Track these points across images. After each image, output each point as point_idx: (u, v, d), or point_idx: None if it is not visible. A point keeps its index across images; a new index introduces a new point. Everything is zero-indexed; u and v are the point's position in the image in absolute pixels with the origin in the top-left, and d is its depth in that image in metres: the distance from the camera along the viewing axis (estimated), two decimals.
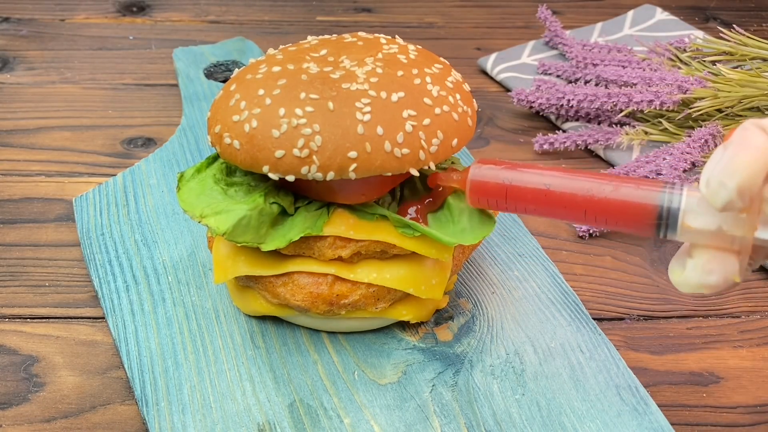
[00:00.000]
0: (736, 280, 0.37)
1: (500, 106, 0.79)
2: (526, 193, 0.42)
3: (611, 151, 0.71)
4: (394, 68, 0.47)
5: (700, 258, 0.38)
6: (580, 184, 0.41)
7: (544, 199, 0.42)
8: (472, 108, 0.49)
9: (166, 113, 0.76)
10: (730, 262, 0.37)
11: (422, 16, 0.97)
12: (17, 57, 0.84)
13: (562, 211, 0.42)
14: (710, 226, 0.37)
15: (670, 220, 0.39)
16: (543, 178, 0.42)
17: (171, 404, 0.47)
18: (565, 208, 0.42)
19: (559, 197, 0.42)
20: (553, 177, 0.42)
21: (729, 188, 0.35)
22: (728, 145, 0.35)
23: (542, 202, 0.42)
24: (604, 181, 0.41)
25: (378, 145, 0.44)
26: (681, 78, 0.69)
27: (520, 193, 0.43)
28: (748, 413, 0.49)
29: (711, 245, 0.38)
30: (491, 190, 0.44)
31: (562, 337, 0.52)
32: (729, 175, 0.35)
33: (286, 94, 0.45)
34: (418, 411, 0.47)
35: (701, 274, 0.38)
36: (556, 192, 0.42)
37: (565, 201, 0.41)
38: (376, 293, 0.48)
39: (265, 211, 0.46)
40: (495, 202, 0.44)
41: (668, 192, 0.39)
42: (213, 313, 0.53)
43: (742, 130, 0.35)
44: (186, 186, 0.49)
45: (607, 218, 0.41)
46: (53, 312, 0.54)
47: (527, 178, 0.43)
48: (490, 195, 0.44)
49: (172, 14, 0.94)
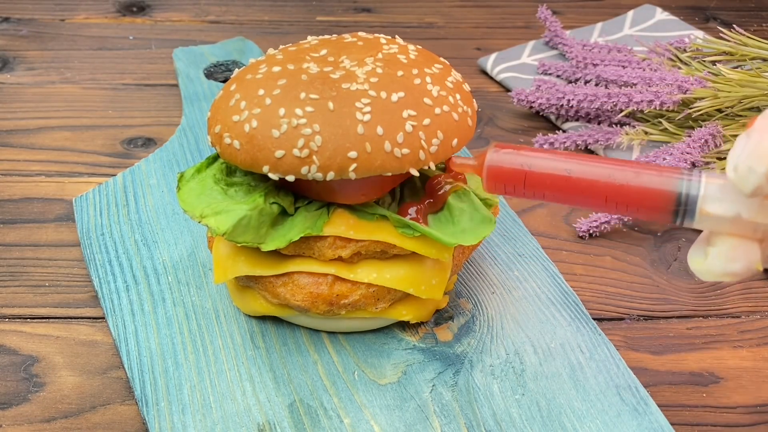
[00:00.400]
0: (758, 268, 0.37)
1: (500, 106, 0.79)
2: (546, 178, 0.42)
3: (611, 151, 0.71)
4: (394, 68, 0.47)
5: (723, 246, 0.38)
6: (601, 170, 0.41)
7: (564, 185, 0.41)
8: (472, 108, 0.49)
9: (166, 113, 0.76)
10: (752, 250, 0.38)
11: (422, 16, 0.97)
12: (17, 57, 0.84)
13: (581, 197, 0.41)
14: (729, 213, 0.37)
15: (688, 207, 0.39)
16: (563, 164, 0.41)
17: (171, 404, 0.47)
18: (586, 194, 0.41)
19: (579, 183, 0.41)
20: (573, 163, 0.41)
21: (758, 173, 0.35)
22: (751, 132, 0.36)
23: (562, 189, 0.41)
24: (625, 168, 0.40)
25: (378, 145, 0.44)
26: (681, 78, 0.69)
27: (540, 179, 0.42)
28: (748, 413, 0.49)
29: (732, 233, 0.38)
30: (509, 176, 0.42)
31: (562, 337, 0.52)
32: (757, 160, 0.35)
33: (286, 94, 0.45)
34: (418, 411, 0.47)
35: (725, 261, 0.38)
36: (576, 178, 0.41)
37: (585, 187, 0.41)
38: (376, 293, 0.48)
39: (265, 211, 0.46)
40: (513, 188, 0.43)
41: (686, 179, 0.39)
42: (213, 313, 0.53)
43: (764, 119, 0.36)
44: (186, 186, 0.49)
45: (628, 204, 0.40)
46: (53, 312, 0.54)
47: (547, 163, 0.42)
48: (508, 181, 0.43)
49: (172, 14, 0.94)
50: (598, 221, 0.62)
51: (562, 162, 0.42)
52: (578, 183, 0.41)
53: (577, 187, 0.41)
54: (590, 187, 0.41)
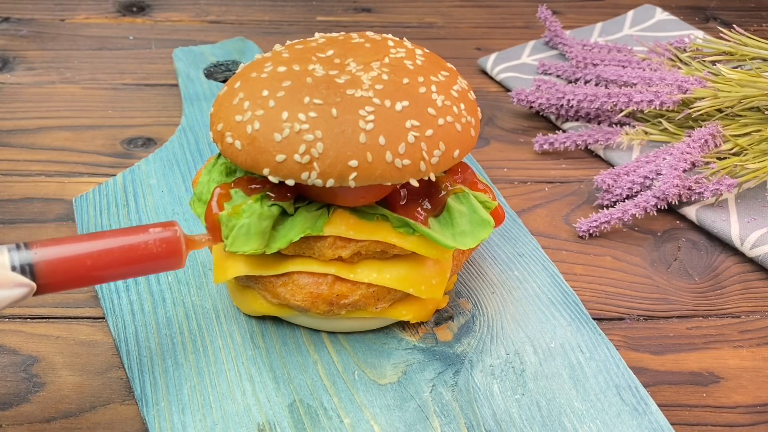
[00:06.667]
0: None
1: (500, 106, 0.79)
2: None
3: (611, 151, 0.71)
4: (399, 75, 0.47)
5: None
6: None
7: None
8: (476, 118, 0.49)
9: (166, 113, 0.76)
10: None
11: (422, 16, 0.97)
12: (17, 57, 0.84)
13: None
14: None
15: None
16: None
17: (171, 404, 0.47)
18: None
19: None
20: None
21: None
22: None
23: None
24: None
25: (379, 155, 0.44)
26: (681, 78, 0.69)
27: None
28: (748, 413, 0.49)
29: None
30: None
31: (562, 337, 0.52)
32: None
33: (290, 97, 0.45)
34: (418, 411, 0.47)
35: None
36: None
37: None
38: (376, 293, 0.48)
39: (264, 214, 0.46)
40: None
41: None
42: (213, 313, 0.53)
43: None
44: (197, 203, 0.49)
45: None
46: (53, 312, 0.54)
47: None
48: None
49: (172, 14, 0.94)
50: (598, 221, 0.62)
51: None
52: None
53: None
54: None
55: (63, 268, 0.40)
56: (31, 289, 0.39)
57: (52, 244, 0.40)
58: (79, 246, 0.40)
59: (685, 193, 0.63)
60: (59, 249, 0.40)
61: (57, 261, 0.39)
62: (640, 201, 0.62)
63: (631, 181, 0.64)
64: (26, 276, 0.39)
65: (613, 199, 0.65)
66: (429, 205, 0.48)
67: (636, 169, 0.66)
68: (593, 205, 0.66)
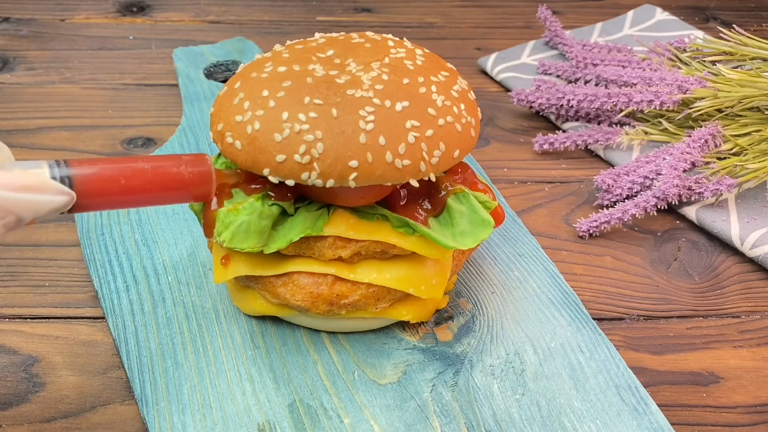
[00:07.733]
0: None
1: (500, 106, 0.79)
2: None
3: (611, 151, 0.71)
4: (400, 75, 0.47)
5: None
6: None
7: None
8: (476, 118, 0.49)
9: (166, 113, 0.76)
10: None
11: (422, 16, 0.97)
12: (17, 57, 0.84)
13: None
14: None
15: None
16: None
17: (171, 404, 0.47)
18: None
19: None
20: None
21: None
22: None
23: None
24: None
25: (379, 155, 0.44)
26: (681, 78, 0.69)
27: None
28: (748, 413, 0.49)
29: None
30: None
31: (562, 337, 0.52)
32: None
33: (291, 97, 0.45)
34: (418, 411, 0.47)
35: None
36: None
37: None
38: (376, 293, 0.48)
39: (265, 213, 0.46)
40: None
41: None
42: (213, 313, 0.53)
43: None
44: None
45: None
46: (53, 312, 0.54)
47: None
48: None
49: (172, 14, 0.94)
50: (598, 221, 0.62)
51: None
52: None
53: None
54: None
55: (99, 186, 0.41)
56: (72, 198, 0.40)
57: (89, 163, 0.41)
58: (114, 166, 0.42)
59: (685, 193, 0.63)
60: (95, 167, 0.41)
61: (93, 177, 0.41)
62: (640, 201, 0.62)
63: (631, 181, 0.64)
64: None
65: (613, 199, 0.65)
66: (429, 205, 0.48)
67: (636, 169, 0.66)
68: (593, 205, 0.66)
